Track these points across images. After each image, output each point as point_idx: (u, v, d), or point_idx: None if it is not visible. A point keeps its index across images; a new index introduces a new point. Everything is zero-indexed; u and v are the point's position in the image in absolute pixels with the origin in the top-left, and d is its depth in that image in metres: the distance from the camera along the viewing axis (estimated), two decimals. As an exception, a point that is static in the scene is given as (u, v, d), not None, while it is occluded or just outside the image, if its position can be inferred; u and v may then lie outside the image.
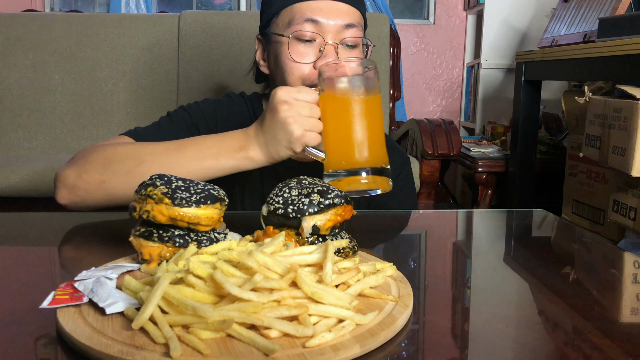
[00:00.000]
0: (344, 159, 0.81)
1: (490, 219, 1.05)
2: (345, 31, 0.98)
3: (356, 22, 0.99)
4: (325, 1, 0.98)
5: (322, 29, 0.97)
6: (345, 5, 0.99)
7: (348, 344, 0.45)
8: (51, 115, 2.48)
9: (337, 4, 0.98)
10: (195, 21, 2.49)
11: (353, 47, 1.00)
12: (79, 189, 0.89)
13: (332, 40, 0.97)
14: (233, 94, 1.17)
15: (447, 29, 3.57)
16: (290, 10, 0.99)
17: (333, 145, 0.82)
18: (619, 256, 0.83)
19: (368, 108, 0.81)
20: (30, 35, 2.49)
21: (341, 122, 0.81)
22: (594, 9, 2.06)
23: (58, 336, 0.48)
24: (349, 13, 0.99)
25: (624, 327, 0.55)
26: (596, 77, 1.97)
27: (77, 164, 0.91)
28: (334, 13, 0.97)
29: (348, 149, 0.81)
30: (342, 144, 0.81)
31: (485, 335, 0.52)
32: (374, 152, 0.81)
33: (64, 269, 0.72)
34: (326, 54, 0.96)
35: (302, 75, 0.99)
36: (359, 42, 1.01)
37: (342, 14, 0.98)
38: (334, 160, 0.82)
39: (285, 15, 1.00)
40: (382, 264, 0.60)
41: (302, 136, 0.81)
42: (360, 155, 0.80)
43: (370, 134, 0.81)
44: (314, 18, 0.96)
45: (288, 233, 0.63)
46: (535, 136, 2.36)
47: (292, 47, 0.98)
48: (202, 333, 0.45)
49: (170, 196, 0.60)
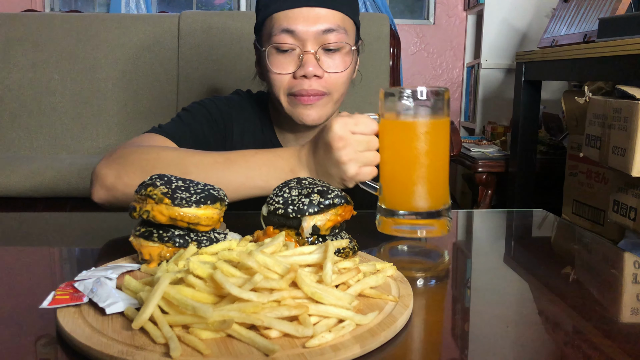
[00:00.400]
0: (401, 199, 0.74)
1: (490, 219, 1.05)
2: (325, 36, 0.96)
3: (336, 26, 0.97)
4: (301, 8, 0.96)
5: (299, 37, 0.96)
6: (323, 9, 0.96)
7: (348, 344, 0.45)
8: (51, 115, 2.48)
9: (313, 10, 0.96)
10: (195, 21, 2.49)
11: (335, 50, 0.98)
12: (117, 190, 0.85)
13: (312, 48, 0.96)
14: (241, 91, 1.17)
15: (447, 29, 3.57)
16: (270, 21, 0.99)
17: (390, 180, 0.75)
18: (619, 256, 0.83)
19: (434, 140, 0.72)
20: (30, 35, 2.49)
21: (402, 155, 0.74)
22: (594, 9, 2.06)
23: (58, 336, 0.48)
24: (328, 17, 0.96)
25: (624, 327, 0.55)
26: (596, 77, 1.97)
27: (117, 163, 0.86)
28: (311, 20, 0.95)
29: (407, 189, 0.73)
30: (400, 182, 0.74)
31: (485, 335, 0.52)
32: (436, 193, 0.73)
33: (64, 269, 0.72)
34: (305, 63, 0.96)
35: (282, 86, 0.98)
36: (343, 45, 0.98)
37: (320, 19, 0.96)
38: (389, 198, 0.75)
39: (266, 26, 1.00)
40: (382, 264, 0.60)
41: (357, 174, 0.77)
42: (420, 198, 0.73)
43: (435, 172, 0.73)
44: (289, 28, 0.96)
45: (288, 233, 0.63)
46: (535, 136, 2.36)
47: (272, 59, 0.98)
48: (202, 333, 0.45)
49: (170, 196, 0.60)
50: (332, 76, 0.98)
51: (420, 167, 0.72)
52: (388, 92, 0.73)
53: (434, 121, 0.72)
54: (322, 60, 0.97)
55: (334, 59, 0.98)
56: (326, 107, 1.01)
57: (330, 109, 1.02)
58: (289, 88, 0.98)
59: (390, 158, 0.75)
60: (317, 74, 0.96)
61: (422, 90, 0.71)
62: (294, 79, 0.98)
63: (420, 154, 0.72)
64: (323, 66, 0.97)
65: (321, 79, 0.97)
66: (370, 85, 2.36)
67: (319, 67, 0.96)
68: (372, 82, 2.37)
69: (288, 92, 0.99)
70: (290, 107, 1.00)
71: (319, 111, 1.00)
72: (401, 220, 0.73)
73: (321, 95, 0.98)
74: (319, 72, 0.96)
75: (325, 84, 0.98)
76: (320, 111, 1.00)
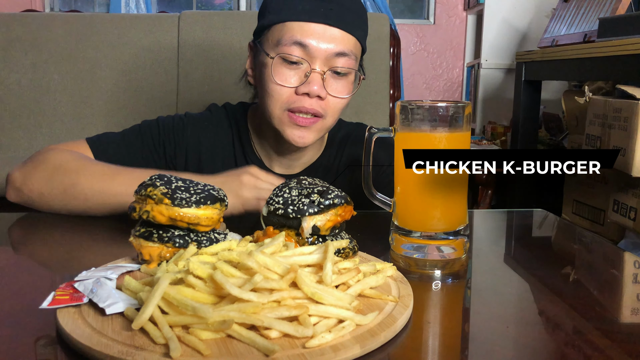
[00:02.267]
0: (416, 219, 0.71)
1: (490, 219, 1.05)
2: (336, 59, 0.93)
3: (349, 51, 0.93)
4: (319, 24, 0.91)
5: (310, 54, 0.92)
6: (339, 31, 0.92)
7: (348, 344, 0.45)
8: (51, 115, 2.47)
9: (330, 29, 0.92)
10: (195, 21, 2.49)
11: (343, 75, 0.95)
12: (24, 194, 0.91)
13: (320, 67, 0.92)
14: (215, 107, 1.13)
15: (447, 29, 3.57)
16: (281, 28, 0.93)
17: (405, 198, 0.73)
18: (619, 256, 0.83)
19: None
20: (30, 35, 2.49)
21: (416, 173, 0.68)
22: (594, 9, 2.06)
23: (58, 336, 0.48)
24: (343, 40, 0.93)
25: (624, 327, 0.55)
26: (596, 77, 1.97)
27: (27, 166, 0.93)
28: (326, 38, 0.92)
29: (423, 209, 0.71)
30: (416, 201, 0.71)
31: (485, 335, 0.52)
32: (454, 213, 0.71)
33: (64, 269, 0.72)
34: (311, 81, 0.92)
35: (281, 99, 0.94)
36: (351, 72, 0.96)
37: (335, 40, 0.92)
38: (403, 217, 0.72)
39: (275, 32, 0.94)
40: (382, 265, 0.60)
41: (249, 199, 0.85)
42: (437, 219, 0.70)
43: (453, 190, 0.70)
44: (302, 42, 0.91)
45: (288, 233, 0.63)
46: (535, 136, 2.36)
47: (276, 69, 0.93)
48: (202, 333, 0.45)
49: (170, 196, 0.60)
50: (332, 100, 0.95)
51: (438, 185, 0.69)
52: (404, 105, 0.71)
53: (452, 134, 0.69)
54: (328, 82, 0.94)
55: (340, 83, 0.95)
56: (319, 132, 0.97)
57: (321, 134, 0.99)
58: (289, 103, 0.94)
59: (405, 175, 0.71)
60: (321, 95, 0.93)
61: (440, 104, 0.70)
62: (295, 95, 0.93)
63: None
64: (328, 88, 0.94)
65: (322, 101, 0.94)
66: (370, 85, 2.36)
67: (323, 88, 0.93)
68: (371, 82, 2.37)
69: (286, 107, 0.94)
70: (282, 125, 0.96)
71: (311, 135, 0.96)
72: (416, 240, 0.71)
73: (317, 117, 0.95)
74: (323, 93, 0.93)
75: (325, 107, 0.95)
76: (313, 135, 0.96)
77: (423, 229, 0.71)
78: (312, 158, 1.08)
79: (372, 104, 2.40)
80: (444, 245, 0.71)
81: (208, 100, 2.56)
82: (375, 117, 2.40)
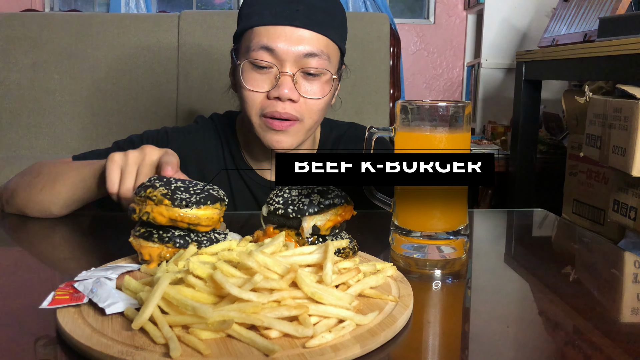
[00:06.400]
0: (416, 219, 0.71)
1: (490, 219, 1.05)
2: (307, 60, 0.91)
3: (319, 51, 0.91)
4: (285, 27, 0.90)
5: (278, 57, 0.91)
6: (308, 32, 0.91)
7: (348, 344, 0.45)
8: (51, 115, 2.48)
9: (297, 31, 0.90)
10: (195, 21, 2.49)
11: (315, 75, 0.93)
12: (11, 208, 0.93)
13: (291, 69, 0.91)
14: (202, 118, 1.12)
15: (447, 28, 3.57)
16: (249, 35, 0.93)
17: (405, 198, 0.72)
18: (619, 256, 0.83)
19: None
20: (30, 35, 2.49)
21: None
22: (594, 8, 2.06)
23: (58, 336, 0.48)
24: (312, 41, 0.91)
25: (624, 327, 0.55)
26: (596, 77, 1.97)
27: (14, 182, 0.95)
28: (293, 40, 0.90)
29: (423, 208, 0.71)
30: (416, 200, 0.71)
31: (485, 335, 0.52)
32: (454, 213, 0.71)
33: (64, 269, 0.72)
34: (281, 84, 0.90)
35: (254, 105, 0.93)
36: (324, 72, 0.93)
37: (303, 41, 0.91)
38: (403, 217, 0.72)
39: (245, 38, 0.95)
40: (382, 264, 0.60)
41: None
42: (437, 219, 0.70)
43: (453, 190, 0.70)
44: (269, 46, 0.90)
45: (288, 233, 0.63)
46: (535, 136, 2.36)
47: (247, 74, 0.93)
48: (202, 333, 0.45)
49: (170, 197, 0.60)
50: (307, 102, 0.93)
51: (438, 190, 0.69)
52: (404, 105, 0.71)
53: (452, 135, 0.69)
54: (300, 84, 0.92)
55: (313, 84, 0.93)
56: (297, 135, 0.95)
57: (302, 137, 0.97)
58: (262, 108, 0.93)
59: None
60: (292, 98, 0.91)
61: (440, 104, 0.69)
62: (268, 99, 0.92)
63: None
64: (300, 90, 0.92)
65: (296, 104, 0.92)
66: (370, 85, 2.35)
67: (295, 90, 0.91)
68: (372, 81, 2.37)
69: (260, 112, 0.93)
70: (260, 130, 0.95)
71: (290, 139, 0.95)
72: (416, 240, 0.71)
73: (293, 121, 0.93)
74: (295, 95, 0.91)
75: (300, 109, 0.93)
76: (292, 139, 0.95)
77: (423, 229, 0.71)
78: None
79: (372, 103, 2.40)
80: (444, 245, 0.71)
81: (208, 100, 2.57)
82: (375, 117, 2.40)
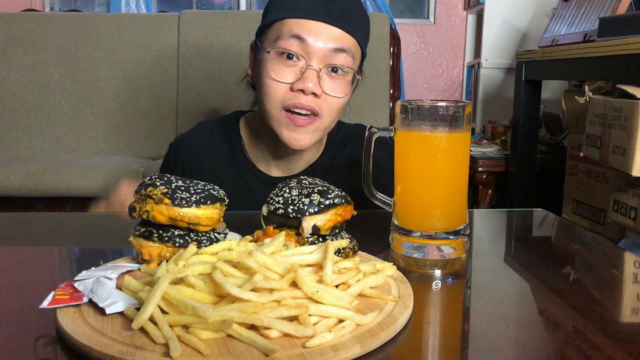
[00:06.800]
0: (416, 218, 0.71)
1: (490, 219, 1.05)
2: (334, 55, 0.92)
3: (347, 48, 0.93)
4: (318, 22, 0.91)
5: (307, 49, 0.91)
6: (340, 30, 0.92)
7: (348, 344, 0.45)
8: (51, 115, 2.48)
9: (330, 28, 0.92)
10: (195, 21, 2.49)
11: (339, 73, 0.94)
12: None
13: (317, 64, 0.92)
14: (205, 122, 1.13)
15: (447, 28, 3.57)
16: (280, 25, 0.94)
17: (405, 197, 0.72)
18: (619, 256, 0.83)
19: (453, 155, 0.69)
20: (30, 35, 2.49)
21: (418, 171, 0.70)
22: (594, 8, 2.06)
23: (58, 336, 0.48)
24: (342, 38, 0.93)
25: (624, 327, 0.55)
26: (596, 77, 1.97)
27: None
28: (325, 36, 0.91)
29: (423, 208, 0.71)
30: (416, 200, 0.71)
31: (485, 335, 0.52)
32: (454, 212, 0.71)
33: (64, 269, 0.72)
34: (306, 77, 0.91)
35: (276, 97, 0.93)
36: (348, 70, 0.94)
37: (333, 37, 0.92)
38: (403, 216, 0.72)
39: (275, 29, 0.95)
40: (382, 264, 0.60)
41: None
42: (437, 219, 0.70)
43: (453, 189, 0.70)
44: (301, 35, 0.91)
45: (288, 233, 0.63)
46: (535, 136, 2.36)
47: (273, 64, 0.93)
48: (202, 333, 0.45)
49: (170, 196, 0.60)
50: (328, 99, 0.94)
51: (438, 184, 0.70)
52: (404, 104, 0.70)
53: (452, 135, 0.69)
54: (324, 81, 0.93)
55: (336, 82, 0.94)
56: (315, 133, 0.96)
57: (318, 135, 0.97)
58: (283, 100, 0.93)
59: (405, 174, 0.72)
60: (316, 92, 0.92)
61: (441, 104, 0.69)
62: (291, 91, 0.92)
63: (438, 169, 0.69)
64: (323, 87, 0.92)
65: (317, 99, 0.93)
66: (370, 85, 2.36)
67: (318, 85, 0.92)
68: (372, 81, 2.37)
69: (282, 105, 0.93)
70: (279, 125, 0.95)
71: (308, 137, 0.95)
72: (416, 240, 0.71)
73: (313, 117, 0.94)
74: (318, 90, 0.92)
75: (321, 105, 0.93)
76: (309, 137, 0.95)
77: (423, 229, 0.71)
78: (310, 160, 1.08)
79: (372, 103, 2.41)
80: (444, 245, 0.71)
81: (208, 99, 2.57)
82: (375, 116, 2.40)
